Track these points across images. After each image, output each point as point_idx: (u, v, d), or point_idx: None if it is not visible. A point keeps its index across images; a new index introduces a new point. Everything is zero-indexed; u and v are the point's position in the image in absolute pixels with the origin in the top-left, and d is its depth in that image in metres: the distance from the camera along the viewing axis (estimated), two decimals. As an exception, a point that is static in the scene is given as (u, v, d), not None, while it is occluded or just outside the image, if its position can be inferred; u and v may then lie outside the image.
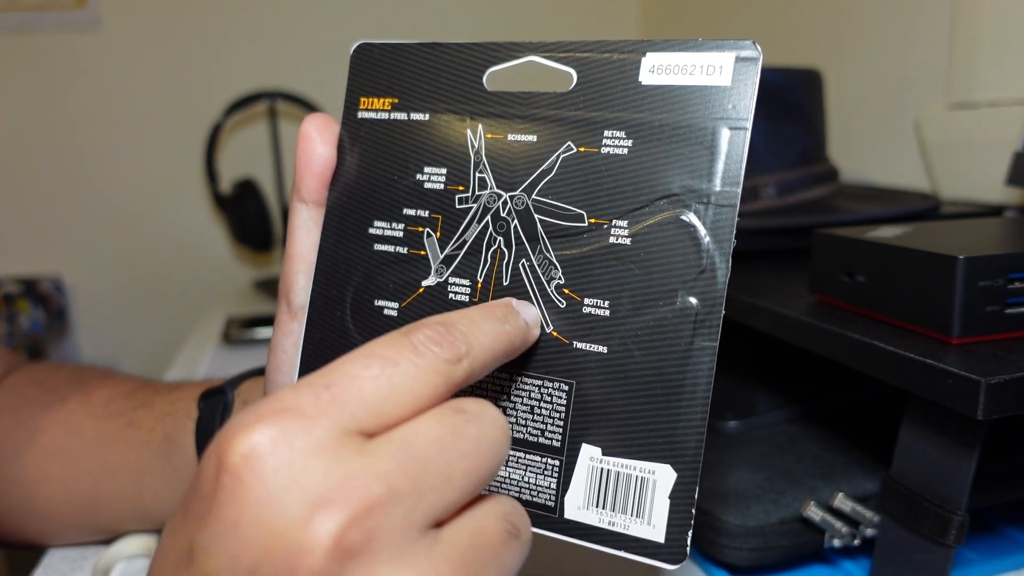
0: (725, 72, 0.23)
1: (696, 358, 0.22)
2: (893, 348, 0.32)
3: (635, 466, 0.22)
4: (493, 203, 0.25)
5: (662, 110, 0.23)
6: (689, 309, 0.22)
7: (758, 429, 0.46)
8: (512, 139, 0.25)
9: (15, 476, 0.38)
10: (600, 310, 0.23)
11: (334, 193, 0.27)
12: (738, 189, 0.22)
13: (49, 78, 1.31)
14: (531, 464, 0.24)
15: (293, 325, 0.27)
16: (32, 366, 0.44)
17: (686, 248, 0.23)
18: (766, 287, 0.44)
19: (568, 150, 0.24)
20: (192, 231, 1.41)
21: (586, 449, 0.23)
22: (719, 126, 0.23)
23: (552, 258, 0.24)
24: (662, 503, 0.22)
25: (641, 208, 0.23)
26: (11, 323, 1.19)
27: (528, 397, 0.24)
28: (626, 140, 0.24)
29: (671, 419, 0.22)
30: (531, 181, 0.25)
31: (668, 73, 0.23)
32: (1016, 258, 0.32)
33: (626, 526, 0.22)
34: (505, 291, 0.25)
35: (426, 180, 0.26)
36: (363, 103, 0.28)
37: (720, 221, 0.22)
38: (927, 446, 0.32)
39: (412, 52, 0.27)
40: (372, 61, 0.28)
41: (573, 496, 0.23)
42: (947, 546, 0.31)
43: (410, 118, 0.27)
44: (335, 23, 1.39)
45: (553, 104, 0.25)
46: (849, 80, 0.85)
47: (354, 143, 0.27)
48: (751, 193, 0.58)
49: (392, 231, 0.26)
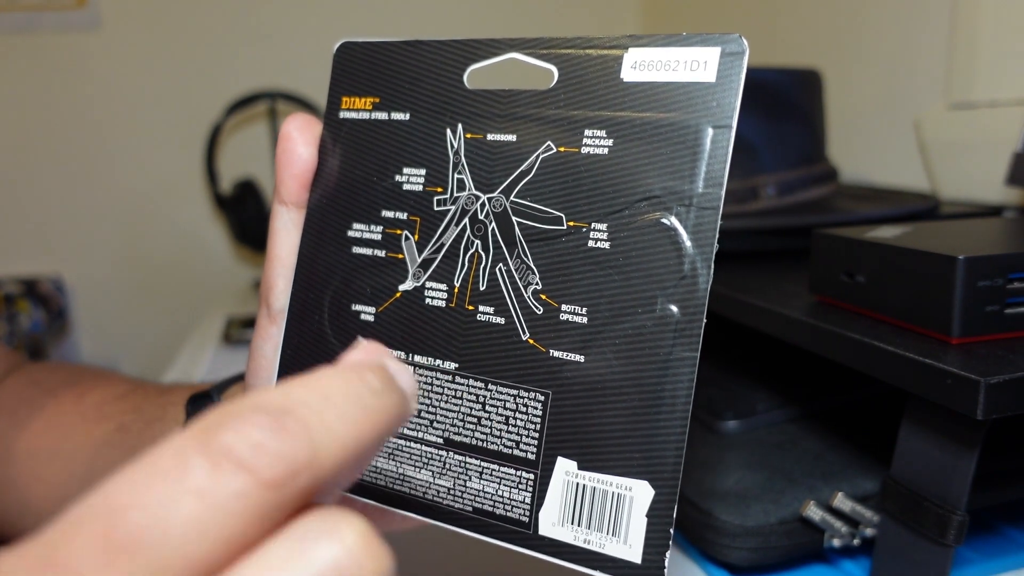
0: (710, 68, 0.22)
1: (676, 369, 0.21)
2: (893, 348, 0.32)
3: (611, 482, 0.22)
4: (471, 205, 0.25)
5: (644, 108, 0.22)
6: (669, 317, 0.21)
7: (758, 429, 0.46)
8: (491, 139, 0.24)
9: (11, 478, 0.38)
10: (578, 317, 0.22)
11: (315, 195, 0.27)
12: (721, 191, 0.21)
13: (49, 78, 1.31)
14: (505, 477, 0.23)
15: (272, 329, 0.27)
16: (31, 367, 0.44)
17: (667, 253, 0.22)
18: (766, 287, 0.44)
19: (548, 150, 0.24)
20: (192, 231, 1.41)
21: (561, 463, 0.22)
22: (703, 125, 0.22)
23: (530, 262, 0.23)
24: (639, 521, 0.21)
25: (621, 211, 0.22)
26: (11, 323, 1.19)
27: (503, 407, 0.23)
28: (607, 140, 0.23)
29: (649, 433, 0.21)
30: (510, 182, 0.24)
31: (650, 69, 0.22)
32: (1016, 258, 0.32)
33: (602, 545, 0.21)
34: (482, 296, 0.24)
35: (405, 181, 0.26)
36: (345, 103, 0.27)
37: (702, 224, 0.21)
38: (927, 446, 0.32)
39: (394, 50, 0.26)
40: (354, 60, 0.27)
41: (548, 512, 0.22)
42: (947, 546, 0.31)
43: (391, 117, 0.26)
44: (335, 23, 1.39)
45: (533, 102, 0.24)
46: (849, 80, 0.85)
47: (335, 144, 0.27)
48: (751, 193, 0.58)
49: (371, 234, 0.26)
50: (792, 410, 0.48)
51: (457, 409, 0.24)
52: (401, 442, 0.25)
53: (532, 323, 0.23)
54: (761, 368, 0.53)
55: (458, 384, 0.24)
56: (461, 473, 0.24)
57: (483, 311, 0.24)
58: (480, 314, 0.24)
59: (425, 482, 0.24)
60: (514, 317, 0.23)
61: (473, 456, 0.24)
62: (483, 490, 0.23)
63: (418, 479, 0.24)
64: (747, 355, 0.55)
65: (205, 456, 0.12)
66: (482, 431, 0.24)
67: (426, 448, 0.24)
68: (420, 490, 0.24)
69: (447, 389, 0.24)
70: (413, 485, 0.24)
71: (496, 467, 0.23)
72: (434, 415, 0.24)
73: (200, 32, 1.35)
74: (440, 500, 0.24)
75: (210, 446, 0.12)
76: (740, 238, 0.53)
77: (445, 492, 0.24)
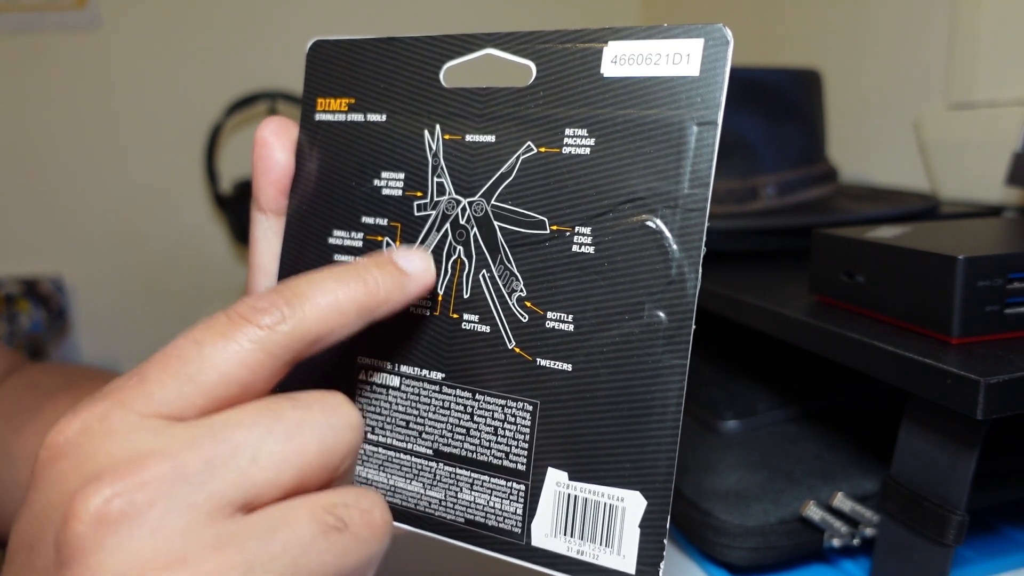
0: (693, 61, 0.21)
1: (665, 377, 0.21)
2: (893, 348, 0.32)
3: (603, 492, 0.21)
4: (452, 209, 0.24)
5: (626, 105, 0.22)
6: (657, 324, 0.21)
7: (758, 429, 0.46)
8: (470, 140, 0.24)
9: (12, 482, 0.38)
10: (564, 325, 0.22)
11: (294, 201, 0.26)
12: (708, 191, 0.20)
13: (49, 78, 1.31)
14: (496, 488, 0.23)
15: None
16: (30, 368, 0.44)
17: (653, 257, 0.21)
18: (766, 287, 0.44)
19: (528, 151, 0.23)
20: (192, 231, 1.41)
21: (552, 473, 0.22)
22: (687, 122, 0.21)
23: (513, 269, 0.23)
24: (632, 532, 0.21)
25: (604, 213, 0.22)
26: (12, 323, 1.19)
27: (491, 417, 0.23)
28: (588, 139, 0.22)
29: (639, 443, 0.21)
30: (490, 185, 0.23)
31: (631, 63, 0.22)
32: (1016, 258, 0.32)
33: (595, 556, 0.21)
34: (466, 304, 0.23)
35: (384, 186, 0.25)
36: (320, 104, 0.26)
37: (689, 226, 0.21)
38: (927, 446, 0.32)
39: (368, 48, 0.25)
40: (328, 59, 0.26)
41: (540, 523, 0.22)
42: (947, 546, 0.31)
43: (367, 119, 0.25)
44: (335, 23, 1.39)
45: (512, 101, 0.23)
46: (849, 80, 0.85)
47: (312, 147, 0.26)
48: (751, 193, 0.58)
49: (351, 241, 0.25)
50: (792, 410, 0.48)
51: (446, 420, 0.24)
52: (391, 453, 0.24)
53: (518, 331, 0.23)
54: (761, 368, 0.53)
55: (445, 394, 0.24)
56: (452, 484, 0.23)
57: (468, 319, 0.23)
58: (465, 323, 0.23)
59: (416, 493, 0.24)
60: (499, 325, 0.23)
61: (463, 467, 0.23)
62: (474, 501, 0.23)
63: (409, 491, 0.24)
64: (747, 355, 0.55)
65: (222, 318, 0.19)
66: (471, 442, 0.23)
67: (416, 459, 0.24)
68: (412, 501, 0.24)
69: (435, 400, 0.24)
70: (404, 496, 0.24)
71: (487, 478, 0.23)
72: (423, 426, 0.24)
73: (200, 32, 1.35)
74: (432, 511, 0.24)
75: (227, 312, 0.19)
76: (740, 238, 0.53)
77: (437, 503, 0.24)
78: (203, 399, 0.18)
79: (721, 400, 0.49)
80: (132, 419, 0.18)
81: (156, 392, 0.18)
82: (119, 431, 0.18)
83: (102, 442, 0.17)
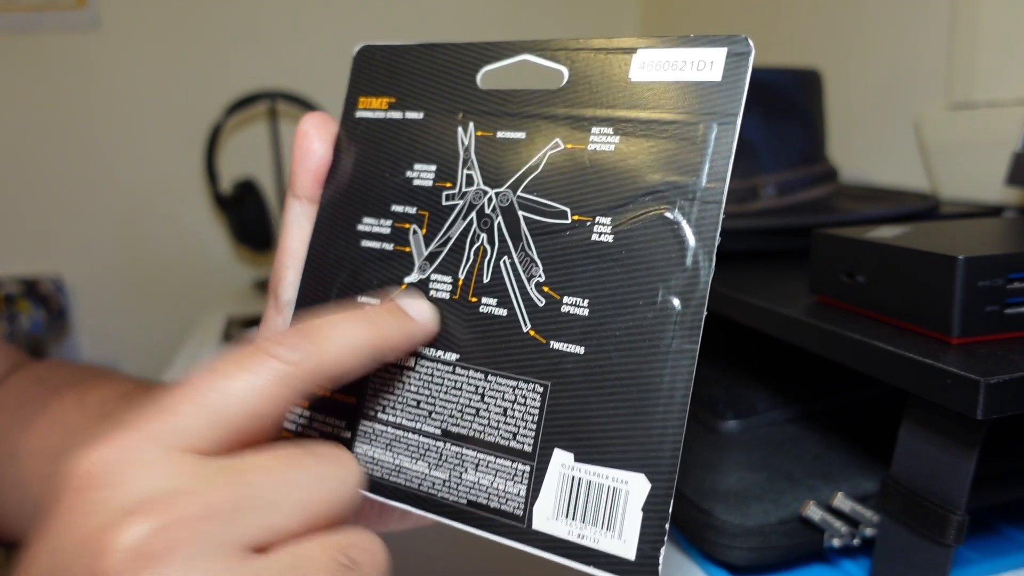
0: (716, 67, 0.22)
1: (675, 361, 0.21)
2: (893, 348, 0.32)
3: (607, 475, 0.21)
4: (479, 200, 0.25)
5: (651, 106, 0.23)
6: (670, 309, 0.22)
7: (758, 429, 0.46)
8: (501, 136, 0.25)
9: (16, 477, 0.38)
10: (579, 309, 0.23)
11: (328, 191, 0.27)
12: (724, 186, 0.22)
13: (49, 78, 1.31)
14: (500, 469, 0.23)
15: (278, 320, 0.28)
16: (35, 365, 0.44)
17: (669, 246, 0.22)
18: (766, 287, 0.44)
19: (555, 147, 0.24)
20: (192, 231, 1.42)
21: (558, 455, 0.22)
22: (707, 121, 0.22)
23: (534, 255, 0.24)
24: (634, 515, 0.21)
25: (624, 205, 0.23)
26: (12, 323, 1.19)
27: (502, 398, 0.23)
28: (613, 136, 0.23)
29: (647, 426, 0.21)
30: (517, 178, 0.25)
31: (658, 69, 0.23)
32: (1016, 258, 0.32)
33: (596, 540, 0.21)
34: (485, 288, 0.24)
35: (416, 177, 0.26)
36: (362, 103, 0.28)
37: (705, 218, 0.22)
38: (927, 446, 0.32)
39: (411, 53, 0.27)
40: (373, 62, 0.28)
41: (543, 505, 0.22)
42: (947, 546, 0.31)
43: (405, 116, 0.27)
44: (335, 23, 1.39)
45: (543, 101, 0.25)
46: (849, 80, 0.85)
47: (350, 142, 0.27)
48: (751, 193, 0.58)
49: (380, 227, 0.26)
50: (792, 410, 0.48)
51: (456, 400, 0.24)
52: (400, 432, 0.25)
53: (533, 315, 0.23)
54: (761, 368, 0.53)
55: (458, 375, 0.24)
56: (457, 464, 0.24)
57: (486, 303, 0.24)
58: (483, 306, 0.24)
59: (421, 473, 0.24)
60: (516, 309, 0.24)
61: (470, 447, 0.24)
62: (478, 482, 0.23)
63: (414, 470, 0.24)
64: (747, 355, 0.55)
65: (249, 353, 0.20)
66: (480, 422, 0.24)
67: (424, 439, 0.24)
68: (415, 481, 0.24)
69: (447, 380, 0.24)
70: (408, 476, 0.24)
71: (492, 458, 0.23)
72: (433, 406, 0.24)
73: (200, 32, 1.35)
74: (435, 492, 0.24)
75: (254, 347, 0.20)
76: (740, 238, 0.53)
77: (440, 484, 0.24)
78: (227, 432, 0.19)
79: (721, 400, 0.49)
80: (162, 453, 0.19)
81: (183, 425, 0.19)
82: (151, 465, 0.18)
83: (134, 476, 0.18)
